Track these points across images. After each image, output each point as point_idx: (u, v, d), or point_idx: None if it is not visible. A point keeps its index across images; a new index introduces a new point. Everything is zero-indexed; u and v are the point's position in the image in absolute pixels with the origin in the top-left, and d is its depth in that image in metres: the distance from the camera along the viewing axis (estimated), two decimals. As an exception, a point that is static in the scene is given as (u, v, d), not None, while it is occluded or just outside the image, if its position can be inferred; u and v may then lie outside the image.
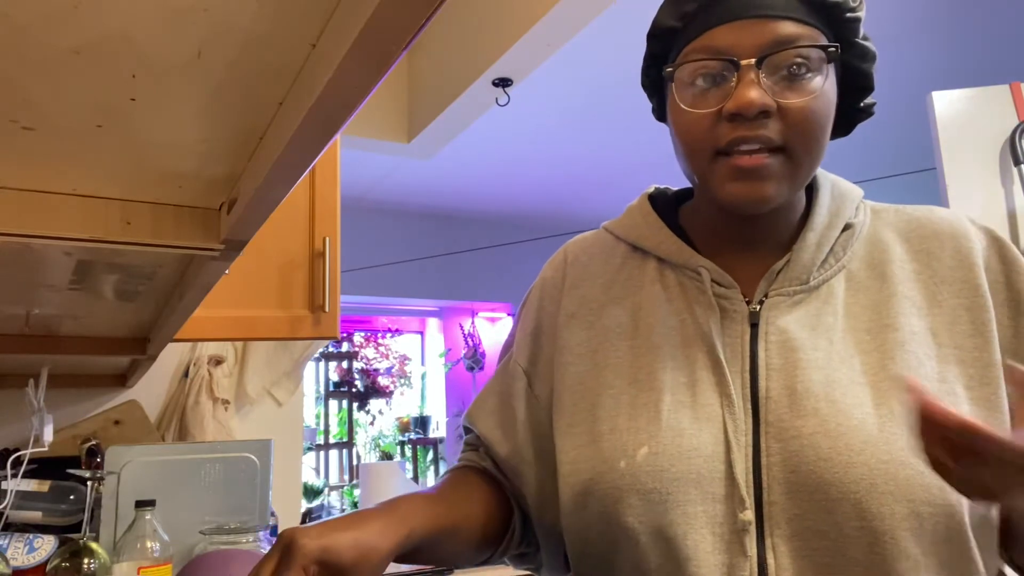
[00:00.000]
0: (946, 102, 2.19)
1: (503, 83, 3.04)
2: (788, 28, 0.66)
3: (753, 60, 0.66)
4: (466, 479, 0.81)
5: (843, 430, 0.63)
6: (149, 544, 1.18)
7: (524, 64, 2.89)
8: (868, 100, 0.75)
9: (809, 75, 0.67)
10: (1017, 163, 2.08)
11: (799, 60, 0.66)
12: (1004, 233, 2.05)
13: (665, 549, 0.66)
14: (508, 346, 0.87)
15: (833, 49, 0.67)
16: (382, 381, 6.07)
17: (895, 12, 3.18)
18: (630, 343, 0.75)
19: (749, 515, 0.64)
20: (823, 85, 0.67)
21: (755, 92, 0.65)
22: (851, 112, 0.75)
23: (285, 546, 0.60)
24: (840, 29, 0.70)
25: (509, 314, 6.25)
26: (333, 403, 6.02)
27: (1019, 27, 3.34)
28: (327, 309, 1.50)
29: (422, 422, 6.12)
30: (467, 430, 0.88)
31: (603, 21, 2.62)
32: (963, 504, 0.62)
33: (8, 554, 1.23)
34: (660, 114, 0.79)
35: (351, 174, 4.56)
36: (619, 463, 0.68)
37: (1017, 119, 2.13)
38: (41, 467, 1.39)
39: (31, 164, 0.58)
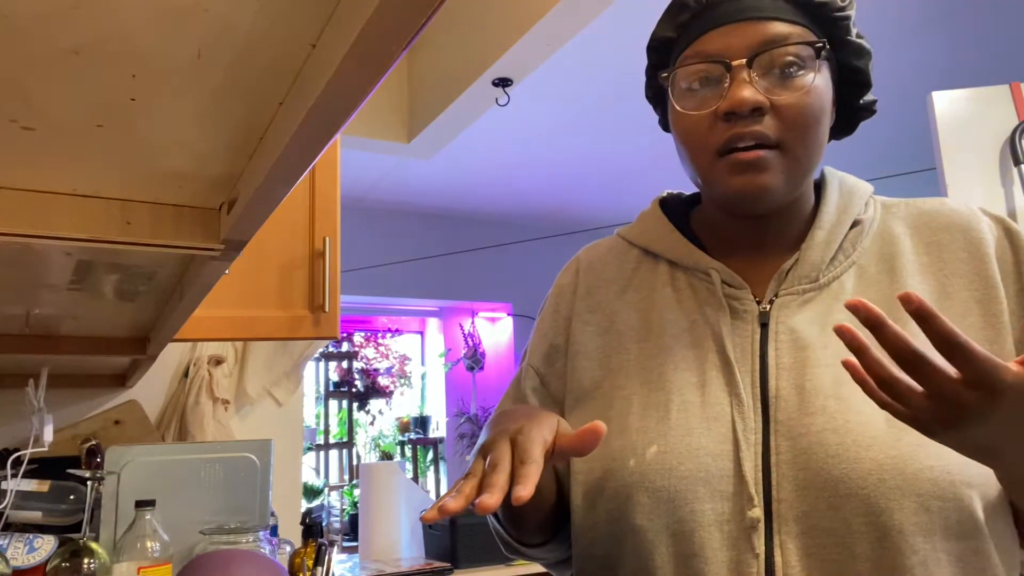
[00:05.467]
0: (946, 102, 2.19)
1: (503, 83, 3.04)
2: (777, 28, 0.68)
3: (744, 60, 0.68)
4: None
5: (851, 426, 0.63)
6: (149, 544, 1.18)
7: (524, 64, 2.89)
8: (868, 97, 0.76)
9: (800, 72, 0.68)
10: (1017, 163, 2.08)
11: (789, 58, 0.68)
12: (1004, 233, 2.06)
13: (672, 546, 0.66)
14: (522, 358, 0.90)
15: (821, 45, 0.69)
16: (382, 381, 6.07)
17: (895, 12, 3.18)
18: (642, 345, 0.76)
19: (757, 512, 0.64)
20: (814, 81, 0.69)
21: (747, 91, 0.67)
22: (852, 111, 0.76)
23: (512, 437, 0.59)
24: (831, 28, 0.71)
25: (509, 314, 6.25)
26: (333, 403, 6.02)
27: (1019, 27, 3.34)
28: (327, 309, 1.50)
29: (422, 422, 6.11)
30: None
31: (603, 21, 2.62)
32: (975, 498, 0.62)
33: (8, 554, 1.23)
34: (665, 124, 0.81)
35: (351, 174, 4.56)
36: (629, 461, 0.69)
37: (1017, 119, 2.13)
38: (41, 467, 1.39)
39: (31, 164, 0.58)
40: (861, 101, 0.76)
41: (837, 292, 0.71)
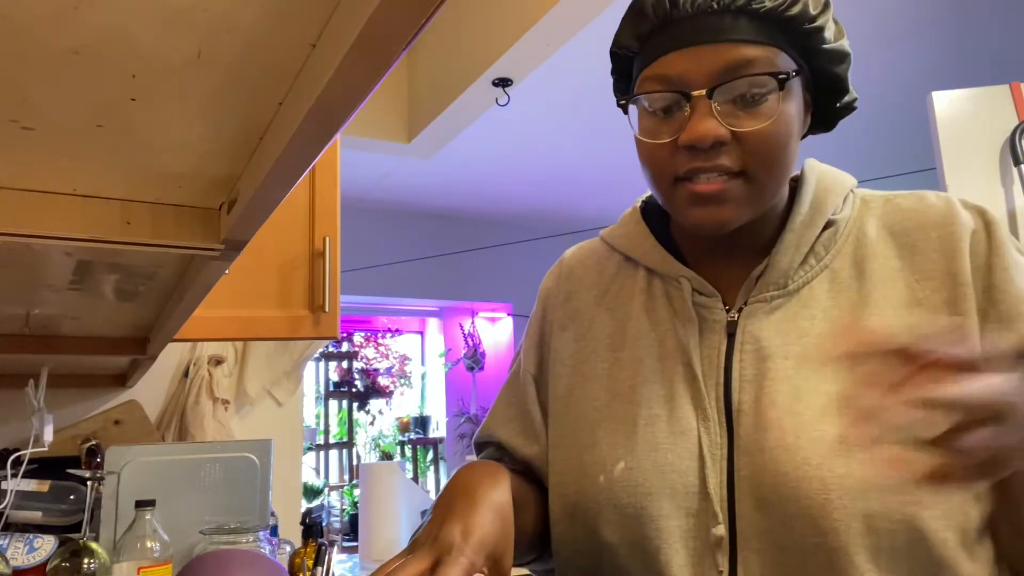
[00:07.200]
0: (946, 102, 2.19)
1: (503, 83, 3.04)
2: (742, 52, 0.64)
3: (704, 91, 0.64)
4: (513, 477, 0.77)
5: (801, 443, 0.62)
6: (149, 544, 1.18)
7: (524, 64, 2.89)
8: (847, 99, 0.73)
9: (766, 99, 0.65)
10: (1017, 163, 2.08)
11: (754, 86, 0.64)
12: (1004, 233, 2.06)
13: (642, 563, 0.66)
14: (516, 358, 0.87)
15: (785, 76, 0.65)
16: (382, 381, 6.07)
17: (895, 12, 3.18)
18: (615, 355, 0.75)
19: (721, 530, 0.64)
20: (780, 107, 0.65)
21: (708, 124, 0.64)
22: (830, 111, 0.74)
23: (444, 546, 0.57)
24: (803, 40, 0.67)
25: (509, 314, 6.25)
26: (333, 403, 6.02)
27: (1019, 27, 3.34)
28: (327, 309, 1.50)
29: (422, 422, 6.12)
30: (482, 446, 0.86)
31: (603, 21, 2.62)
32: (926, 519, 0.60)
33: (8, 554, 1.23)
34: None
35: (351, 174, 4.56)
36: (599, 478, 0.69)
37: (1017, 119, 2.13)
38: (41, 467, 1.39)
39: (31, 164, 0.58)
40: (839, 104, 0.73)
41: (807, 299, 0.69)
